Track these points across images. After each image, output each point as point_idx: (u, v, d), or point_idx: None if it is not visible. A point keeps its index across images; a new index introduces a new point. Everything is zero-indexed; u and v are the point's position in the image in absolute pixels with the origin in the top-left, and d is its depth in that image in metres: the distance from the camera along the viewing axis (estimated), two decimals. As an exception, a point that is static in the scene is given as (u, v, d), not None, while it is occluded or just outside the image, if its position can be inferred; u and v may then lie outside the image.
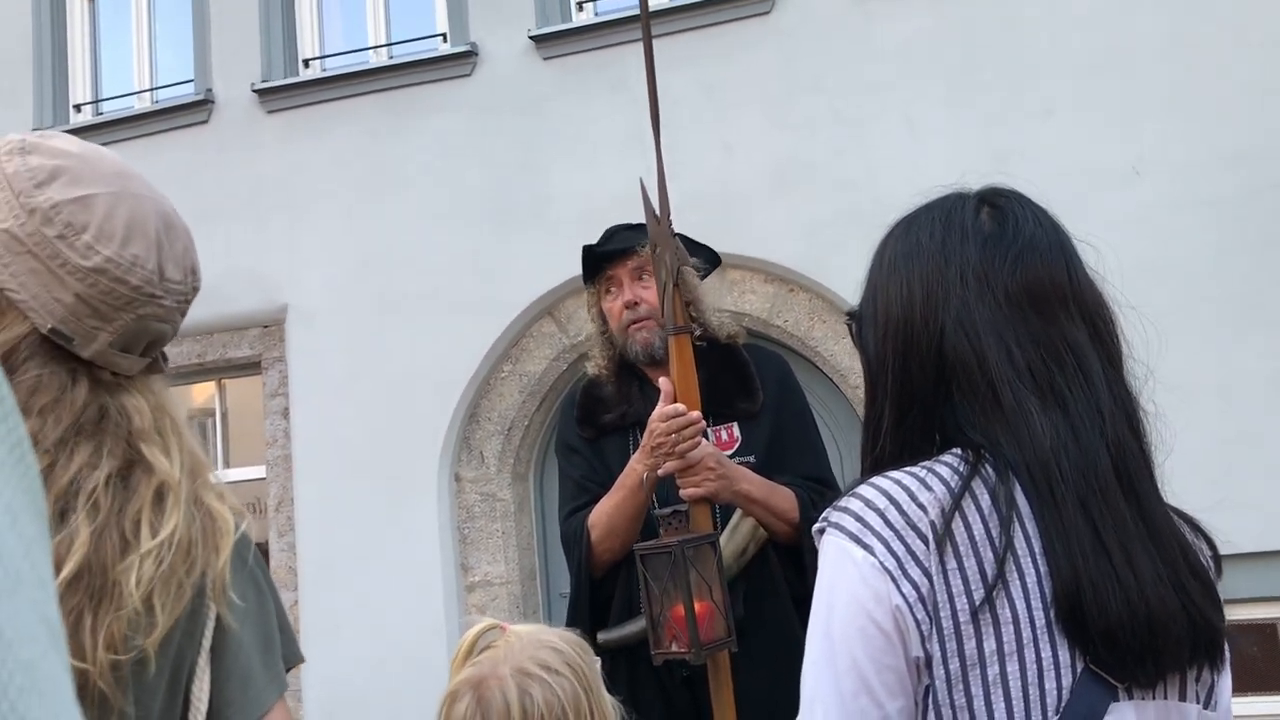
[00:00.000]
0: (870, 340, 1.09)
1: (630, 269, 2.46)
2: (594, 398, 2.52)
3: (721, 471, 2.17)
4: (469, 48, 5.37)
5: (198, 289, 1.16)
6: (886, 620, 0.94)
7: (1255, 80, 4.34)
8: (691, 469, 2.14)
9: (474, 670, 1.47)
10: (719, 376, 2.38)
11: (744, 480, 2.23)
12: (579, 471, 2.47)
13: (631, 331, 2.42)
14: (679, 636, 1.99)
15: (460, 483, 5.27)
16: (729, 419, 2.39)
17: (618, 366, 2.49)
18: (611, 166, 5.07)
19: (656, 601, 2.03)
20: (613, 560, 2.36)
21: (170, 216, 1.12)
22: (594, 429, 2.49)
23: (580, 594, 2.39)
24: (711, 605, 2.02)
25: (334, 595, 5.20)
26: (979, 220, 1.07)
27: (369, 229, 5.39)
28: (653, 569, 2.04)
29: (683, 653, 1.99)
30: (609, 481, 2.36)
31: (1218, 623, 0.97)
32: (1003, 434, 0.99)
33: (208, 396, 5.98)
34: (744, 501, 2.24)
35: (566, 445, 2.55)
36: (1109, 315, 1.07)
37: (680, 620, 1.99)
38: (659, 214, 2.26)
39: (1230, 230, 4.29)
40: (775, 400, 2.43)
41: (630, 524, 2.29)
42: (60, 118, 6.08)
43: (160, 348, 1.15)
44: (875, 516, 0.97)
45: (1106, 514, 0.96)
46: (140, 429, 1.08)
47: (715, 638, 2.01)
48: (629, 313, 2.43)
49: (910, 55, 4.77)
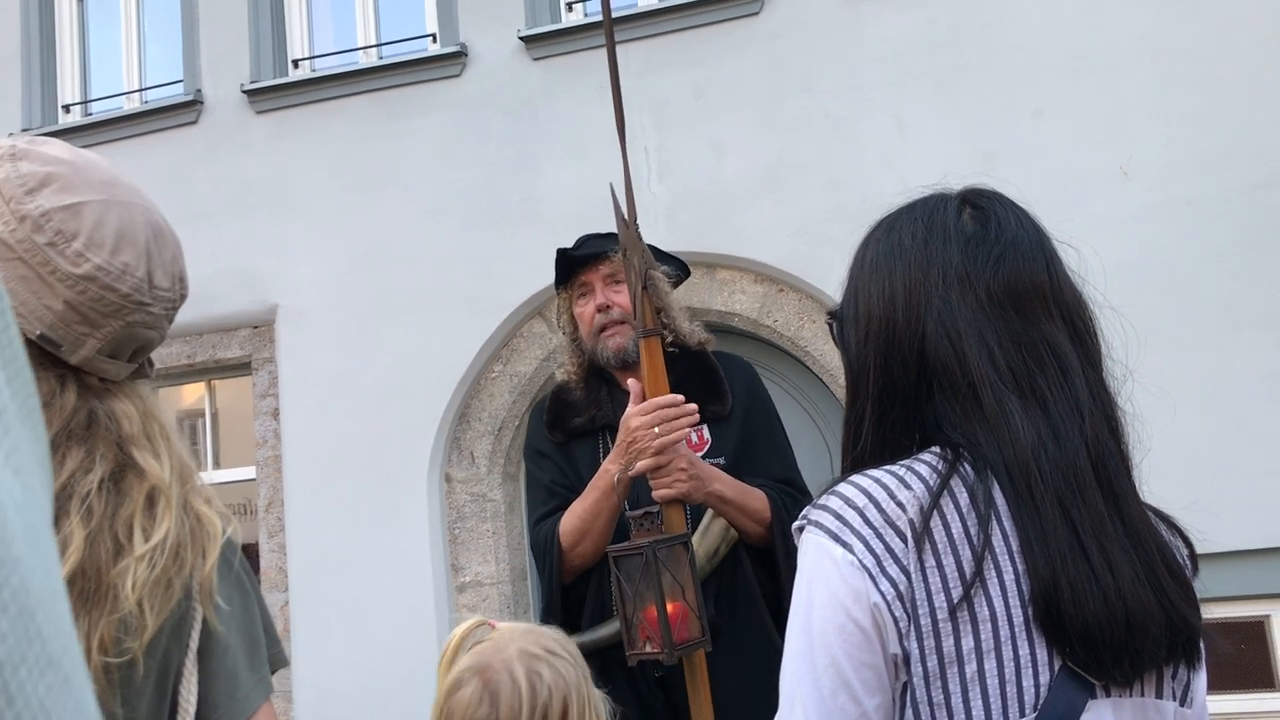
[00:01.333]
0: (852, 340, 1.10)
1: (603, 274, 2.47)
2: (563, 402, 2.52)
3: (694, 472, 2.17)
4: (458, 48, 5.37)
5: (185, 296, 1.16)
6: (865, 618, 0.95)
7: (1242, 80, 4.36)
8: (663, 470, 2.14)
9: (474, 659, 1.47)
10: (688, 380, 2.39)
11: (716, 480, 2.23)
12: (548, 476, 2.47)
13: (604, 337, 2.43)
14: (652, 637, 2.01)
15: (451, 483, 5.27)
16: (699, 422, 2.39)
17: (587, 371, 2.50)
18: (601, 166, 5.07)
19: (630, 602, 2.04)
20: (584, 565, 2.36)
21: (159, 224, 1.13)
22: (563, 433, 2.49)
23: (552, 599, 2.39)
24: (684, 605, 2.03)
25: (324, 596, 5.20)
26: (961, 221, 1.08)
27: (359, 229, 5.39)
28: (625, 570, 2.05)
29: (656, 653, 2.00)
30: (579, 486, 2.36)
31: (1194, 622, 0.98)
32: (983, 433, 1.00)
33: (197, 397, 5.97)
34: (716, 502, 2.25)
35: (535, 450, 2.55)
36: (1089, 316, 1.08)
37: (653, 621, 2.00)
38: (628, 219, 2.28)
39: (1218, 230, 4.31)
40: (744, 404, 2.45)
41: (604, 526, 2.29)
42: (49, 118, 6.06)
43: (147, 354, 1.16)
44: (854, 514, 0.97)
45: (1085, 514, 0.96)
46: (130, 434, 1.09)
47: (688, 638, 2.02)
48: (601, 316, 2.44)
49: (899, 56, 4.79)
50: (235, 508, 5.71)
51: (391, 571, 5.10)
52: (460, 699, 1.43)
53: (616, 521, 2.29)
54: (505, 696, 1.41)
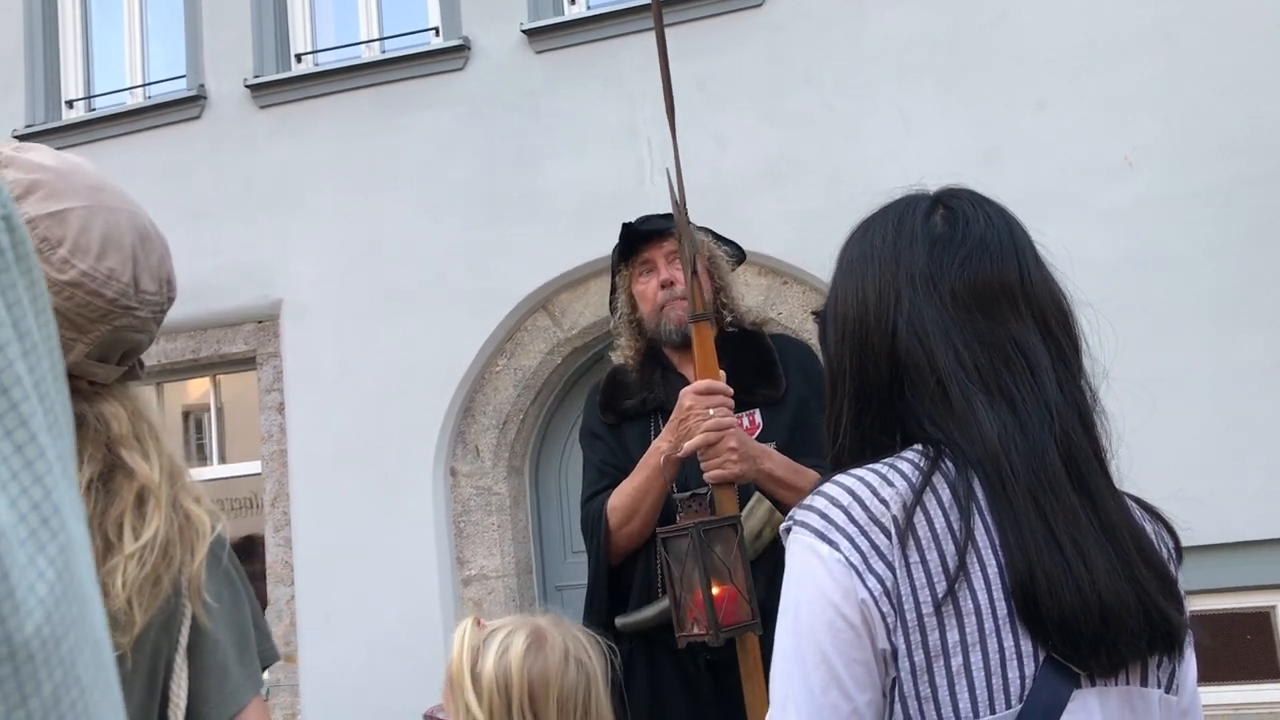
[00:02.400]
0: (830, 340, 1.13)
1: (666, 251, 2.46)
2: (617, 383, 2.52)
3: (744, 452, 2.13)
4: (461, 42, 5.37)
5: (173, 299, 1.17)
6: (854, 614, 0.96)
7: (1247, 73, 4.35)
8: (713, 450, 2.11)
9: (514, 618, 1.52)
10: (742, 363, 2.37)
11: (767, 459, 2.19)
12: (599, 456, 2.47)
13: (666, 310, 2.42)
14: (700, 619, 1.99)
15: (455, 477, 5.28)
16: (751, 405, 2.37)
17: (643, 353, 2.49)
18: (604, 160, 5.08)
19: (678, 585, 2.02)
20: (632, 546, 2.35)
21: (146, 229, 1.13)
22: (615, 414, 2.49)
23: (599, 579, 2.39)
24: (733, 588, 2.00)
25: (330, 590, 5.22)
26: (930, 222, 1.09)
27: (363, 223, 5.40)
28: (674, 552, 2.03)
29: (703, 635, 1.98)
30: (629, 466, 2.36)
31: (1172, 614, 0.99)
32: (955, 430, 1.01)
33: (203, 392, 5.99)
34: (767, 481, 2.21)
35: (589, 431, 2.56)
36: (1064, 313, 1.08)
37: (700, 603, 1.98)
38: (680, 203, 2.23)
39: (1223, 222, 4.30)
40: (799, 388, 2.41)
41: (651, 505, 2.28)
42: (52, 114, 6.07)
43: (137, 356, 1.16)
44: (840, 513, 0.98)
45: (1057, 508, 0.97)
46: (119, 435, 1.10)
47: (737, 620, 1.99)
48: (664, 292, 2.42)
49: (902, 48, 4.78)
50: (241, 502, 5.73)
51: (397, 565, 5.12)
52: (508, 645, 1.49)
53: (663, 501, 2.28)
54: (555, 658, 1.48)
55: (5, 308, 0.44)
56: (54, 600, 0.42)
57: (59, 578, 0.43)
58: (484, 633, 1.53)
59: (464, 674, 1.48)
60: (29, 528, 0.42)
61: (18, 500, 0.42)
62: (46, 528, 0.43)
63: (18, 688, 0.40)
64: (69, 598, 0.43)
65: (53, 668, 0.41)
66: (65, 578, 0.43)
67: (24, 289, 0.46)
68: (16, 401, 0.43)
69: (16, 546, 0.41)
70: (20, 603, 0.40)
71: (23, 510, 0.42)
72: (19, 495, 0.42)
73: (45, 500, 0.43)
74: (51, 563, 0.43)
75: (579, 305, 5.16)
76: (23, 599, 0.41)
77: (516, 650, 1.47)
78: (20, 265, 0.46)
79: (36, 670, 0.41)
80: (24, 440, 0.43)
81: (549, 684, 1.47)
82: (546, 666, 1.48)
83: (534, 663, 1.47)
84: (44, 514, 0.43)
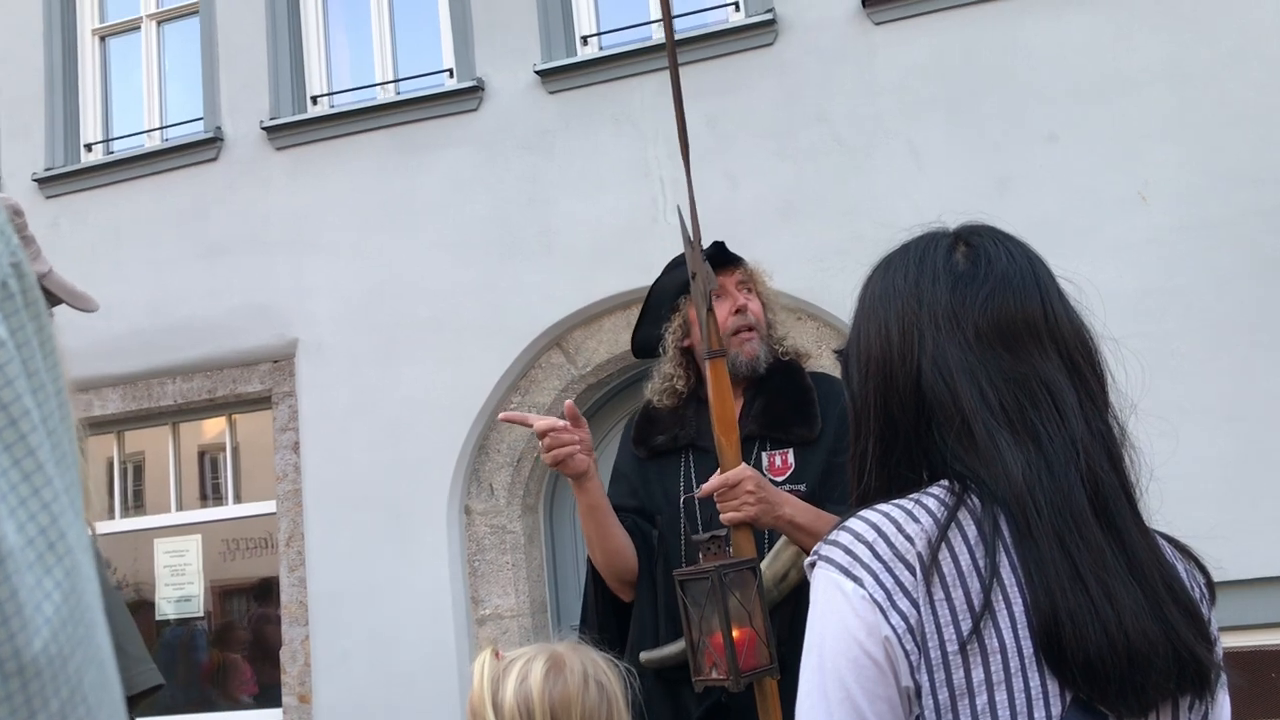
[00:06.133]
0: (854, 378, 1.13)
1: (736, 279, 2.48)
2: (649, 418, 2.52)
3: (762, 495, 2.10)
4: (475, 83, 5.42)
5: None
6: (878, 651, 0.95)
7: (1258, 103, 4.35)
8: (730, 493, 2.09)
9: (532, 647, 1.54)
10: (778, 400, 2.36)
11: (786, 505, 2.15)
12: (616, 499, 2.46)
13: (736, 340, 2.40)
14: (719, 663, 1.97)
15: (470, 515, 5.27)
16: (785, 445, 2.35)
17: (688, 384, 2.47)
18: (617, 198, 5.10)
19: (696, 627, 2.00)
20: (629, 580, 2.38)
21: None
22: (647, 449, 2.49)
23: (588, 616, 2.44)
24: (752, 632, 1.98)
25: (345, 629, 5.19)
26: (952, 259, 1.09)
27: (378, 263, 5.43)
28: (692, 595, 2.01)
29: (722, 680, 1.96)
30: (650, 506, 2.38)
31: (1202, 654, 0.97)
32: (981, 468, 1.00)
33: (218, 431, 6.00)
34: (787, 527, 2.18)
35: (616, 469, 2.57)
36: (1089, 348, 1.08)
37: (719, 647, 1.96)
38: (694, 240, 2.21)
39: (1236, 253, 4.29)
40: (835, 429, 2.36)
41: (614, 546, 2.33)
42: (71, 157, 6.14)
43: None
44: (864, 549, 0.98)
45: (1083, 547, 0.96)
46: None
47: (756, 665, 1.97)
48: (737, 318, 2.42)
49: (912, 83, 4.80)
50: (255, 542, 5.72)
51: (411, 604, 5.10)
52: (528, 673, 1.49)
53: (625, 539, 2.32)
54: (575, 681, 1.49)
55: (15, 348, 0.46)
56: (60, 620, 0.44)
57: (65, 600, 0.45)
58: (503, 663, 1.53)
59: (485, 704, 1.47)
60: (36, 551, 0.44)
61: (25, 525, 0.44)
62: (53, 552, 0.45)
63: (26, 703, 0.42)
64: (75, 619, 0.45)
65: (60, 685, 0.43)
66: (71, 600, 0.45)
67: (33, 332, 0.48)
68: (25, 433, 0.45)
69: (25, 569, 0.43)
70: (28, 621, 0.43)
71: (30, 535, 0.45)
72: (27, 520, 0.45)
73: (52, 526, 0.45)
74: (58, 585, 0.45)
75: (593, 342, 5.16)
76: (30, 617, 0.43)
77: (536, 676, 1.47)
78: (29, 310, 0.48)
79: (44, 686, 0.43)
80: (32, 469, 0.45)
81: (570, 706, 1.46)
82: (567, 689, 1.48)
83: (554, 687, 1.47)
84: (50, 539, 0.45)
